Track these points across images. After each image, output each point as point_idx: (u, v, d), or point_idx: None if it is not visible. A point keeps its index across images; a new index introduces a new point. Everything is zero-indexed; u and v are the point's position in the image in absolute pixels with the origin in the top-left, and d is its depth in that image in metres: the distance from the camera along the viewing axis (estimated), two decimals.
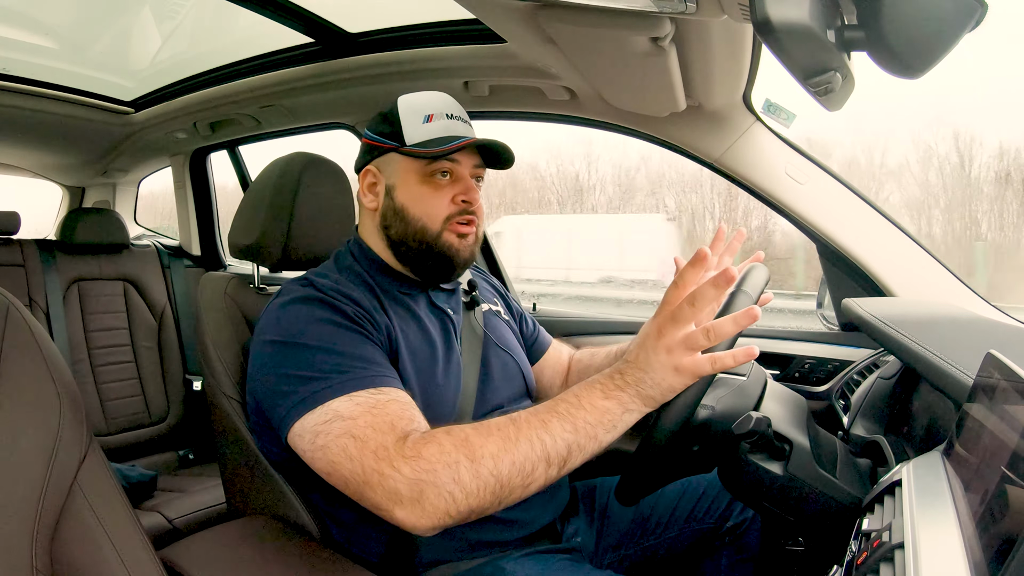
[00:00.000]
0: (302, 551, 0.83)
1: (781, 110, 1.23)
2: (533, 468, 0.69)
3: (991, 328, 0.97)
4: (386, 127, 0.94)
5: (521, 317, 1.19)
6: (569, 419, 0.70)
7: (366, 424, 0.72)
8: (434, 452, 0.68)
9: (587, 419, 0.70)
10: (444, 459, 0.68)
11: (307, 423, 0.74)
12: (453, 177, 0.92)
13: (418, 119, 0.92)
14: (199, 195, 2.54)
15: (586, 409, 0.71)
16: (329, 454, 0.73)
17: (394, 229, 0.93)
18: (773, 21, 0.54)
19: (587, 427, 0.70)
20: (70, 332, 2.04)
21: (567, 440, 0.69)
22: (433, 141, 0.90)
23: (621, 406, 0.71)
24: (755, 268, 0.86)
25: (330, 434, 0.73)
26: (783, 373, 1.37)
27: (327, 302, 0.83)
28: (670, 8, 0.80)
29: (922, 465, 0.63)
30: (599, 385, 0.72)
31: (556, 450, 0.69)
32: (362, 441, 0.71)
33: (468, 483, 0.67)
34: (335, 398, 0.74)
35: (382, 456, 0.69)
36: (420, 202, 0.92)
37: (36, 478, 0.62)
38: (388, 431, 0.71)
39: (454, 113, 0.95)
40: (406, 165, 0.93)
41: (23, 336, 0.67)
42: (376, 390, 0.76)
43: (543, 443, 0.69)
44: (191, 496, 1.71)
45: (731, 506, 1.04)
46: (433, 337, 0.93)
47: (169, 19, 1.56)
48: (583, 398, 0.71)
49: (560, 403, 0.72)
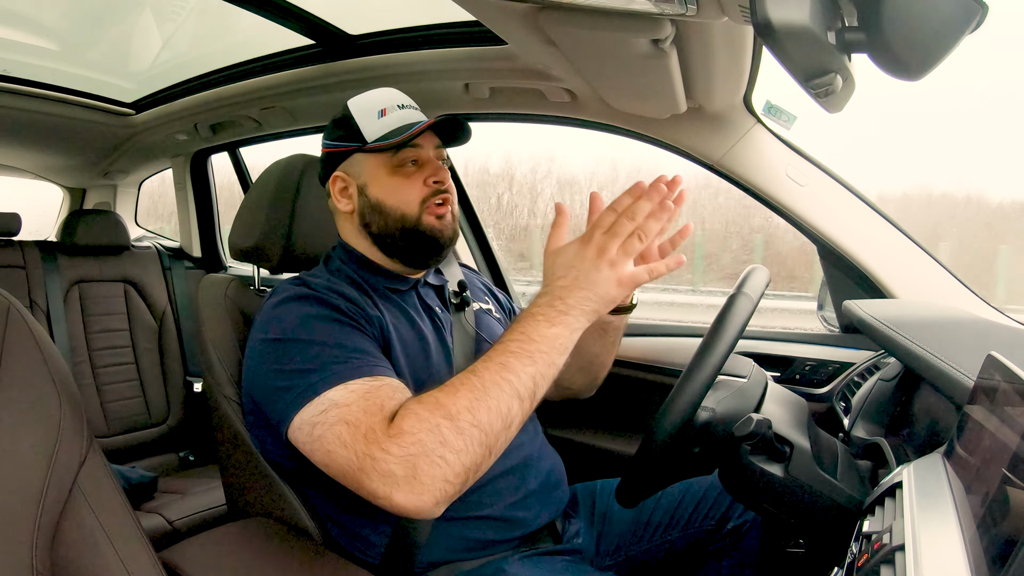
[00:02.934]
0: (303, 553, 0.83)
1: (782, 112, 1.23)
2: (508, 408, 0.71)
3: (992, 330, 0.97)
4: (342, 131, 0.96)
5: (511, 313, 1.19)
6: (525, 354, 0.72)
7: (359, 409, 0.72)
8: (413, 423, 0.69)
9: (541, 349, 0.72)
10: (424, 425, 0.68)
11: (305, 415, 0.75)
12: (419, 163, 0.94)
13: (372, 116, 0.94)
14: (200, 197, 2.54)
15: (537, 341, 0.72)
16: (325, 443, 0.73)
17: (375, 225, 0.94)
18: (774, 23, 0.54)
19: (543, 355, 0.72)
20: (71, 334, 2.03)
21: (530, 373, 0.72)
22: (392, 132, 0.92)
23: (568, 328, 0.74)
24: (755, 270, 0.87)
25: (326, 423, 0.73)
26: (784, 375, 1.36)
27: (320, 299, 0.84)
28: (671, 10, 0.80)
29: (923, 467, 0.63)
30: (541, 316, 0.74)
31: (523, 385, 0.71)
32: (354, 426, 0.71)
33: (454, 441, 0.68)
34: (332, 387, 0.75)
35: (371, 439, 0.70)
36: (394, 193, 0.93)
37: (36, 480, 0.62)
38: (377, 412, 0.72)
39: (404, 103, 0.97)
40: (373, 162, 0.94)
41: (24, 338, 0.67)
42: (372, 378, 0.76)
43: (509, 383, 0.71)
44: (191, 498, 1.71)
45: (732, 508, 1.04)
46: (424, 332, 0.94)
47: (170, 21, 1.56)
48: (530, 332, 0.73)
49: (510, 343, 0.73)
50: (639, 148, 1.45)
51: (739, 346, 0.82)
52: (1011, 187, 5.17)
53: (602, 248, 0.74)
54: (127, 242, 2.23)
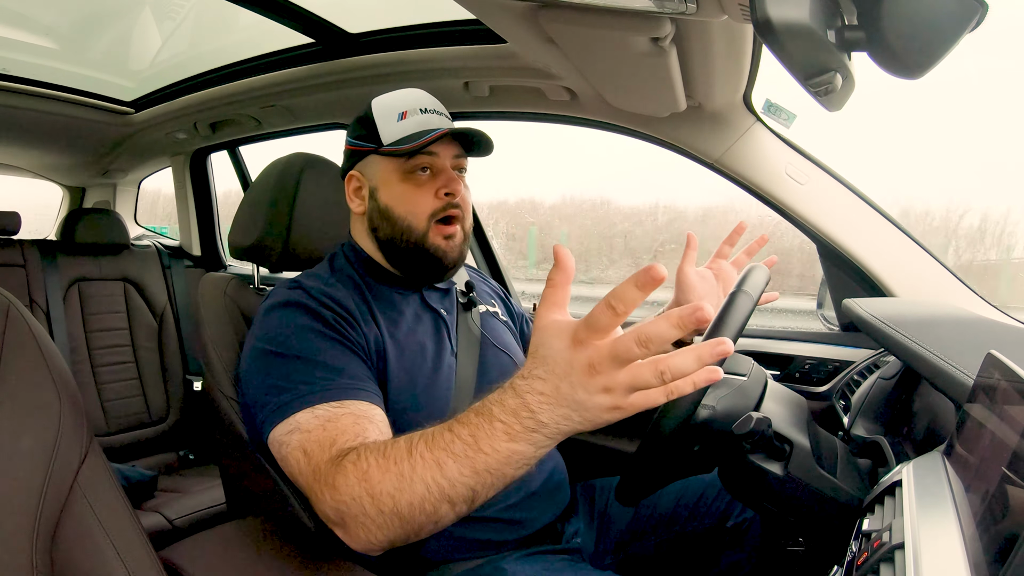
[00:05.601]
0: (302, 552, 0.83)
1: (781, 110, 1.23)
2: (435, 508, 0.62)
3: (991, 328, 0.97)
4: (363, 130, 0.95)
5: (522, 319, 1.19)
6: (468, 463, 0.59)
7: (315, 440, 0.73)
8: (342, 483, 0.66)
9: (489, 465, 0.58)
10: (350, 492, 0.65)
11: (277, 433, 0.76)
12: (434, 171, 0.92)
13: (392, 118, 0.93)
14: (199, 195, 2.54)
15: (487, 453, 0.58)
16: (288, 466, 0.75)
17: (382, 230, 0.94)
18: (773, 21, 0.54)
19: (490, 473, 0.59)
20: (70, 332, 2.04)
21: (467, 483, 0.60)
22: (409, 137, 0.91)
23: (533, 446, 0.57)
24: (755, 268, 0.86)
25: (289, 445, 0.74)
26: (783, 373, 1.36)
27: (310, 308, 0.84)
28: (670, 8, 0.80)
29: (922, 465, 0.63)
30: (500, 423, 0.57)
31: (457, 492, 0.60)
32: (308, 457, 0.72)
33: (375, 518, 0.64)
34: (300, 410, 0.75)
35: (317, 477, 0.70)
36: (404, 201, 0.92)
37: (36, 478, 0.62)
38: (328, 448, 0.71)
39: (428, 107, 0.95)
40: (386, 165, 0.93)
41: (23, 336, 0.67)
42: (338, 403, 0.76)
43: (439, 486, 0.60)
44: (191, 496, 1.72)
45: (731, 506, 1.04)
46: (422, 337, 0.93)
47: (169, 19, 1.56)
48: (481, 440, 0.58)
49: (455, 440, 0.60)
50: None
51: (739, 344, 0.82)
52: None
53: (595, 367, 0.52)
54: (127, 241, 2.23)
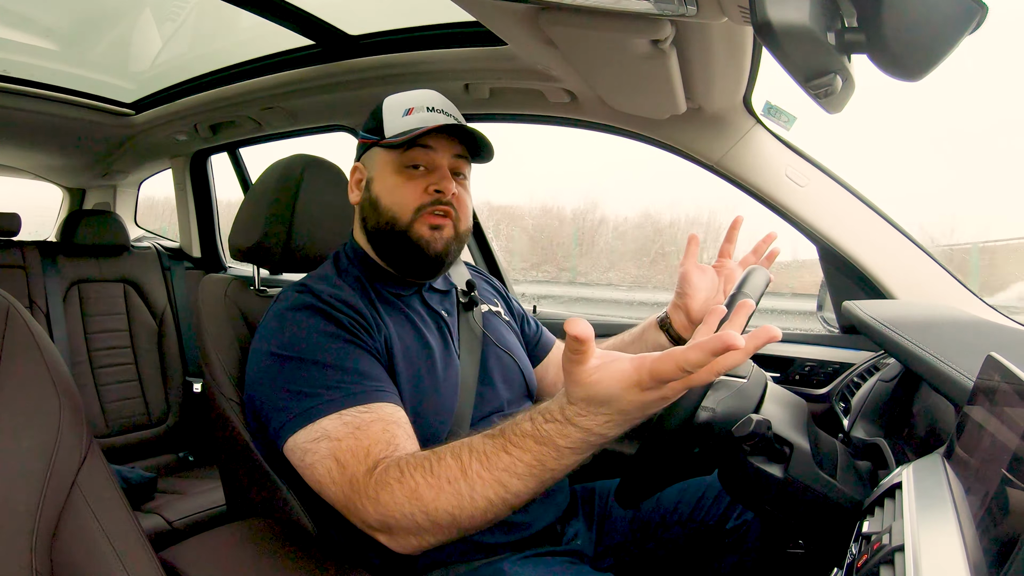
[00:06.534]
0: (302, 553, 0.83)
1: (782, 113, 1.23)
2: (497, 515, 0.67)
3: (991, 330, 0.97)
4: (371, 124, 0.97)
5: (523, 318, 1.19)
6: (534, 480, 0.64)
7: (347, 448, 0.73)
8: (387, 499, 0.68)
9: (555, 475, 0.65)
10: (400, 509, 0.68)
11: (298, 439, 0.76)
12: (429, 168, 0.93)
13: (398, 113, 0.94)
14: (199, 197, 2.54)
15: (554, 469, 0.63)
16: (316, 474, 0.75)
17: (370, 221, 0.95)
18: (773, 23, 0.54)
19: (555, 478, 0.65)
20: (70, 334, 2.03)
21: (532, 492, 0.65)
22: (407, 132, 0.91)
23: (581, 457, 0.64)
24: (755, 270, 0.86)
25: (317, 453, 0.74)
26: (783, 375, 1.36)
27: (324, 312, 0.84)
28: (670, 11, 0.80)
29: (922, 468, 0.62)
30: (568, 450, 0.62)
31: (521, 500, 0.66)
32: (343, 466, 0.73)
33: (430, 529, 0.68)
34: (325, 416, 0.75)
35: (356, 487, 0.71)
36: (392, 192, 0.92)
37: (36, 479, 0.62)
38: (363, 459, 0.72)
39: (435, 106, 0.95)
40: (383, 157, 0.94)
41: (23, 338, 0.67)
42: (364, 407, 0.76)
43: (504, 499, 0.65)
44: (191, 498, 1.71)
45: (731, 508, 1.04)
46: (428, 338, 0.93)
47: (169, 21, 1.57)
48: (548, 462, 0.63)
49: (518, 463, 0.64)
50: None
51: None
52: None
53: (643, 401, 0.58)
54: (127, 242, 2.23)
